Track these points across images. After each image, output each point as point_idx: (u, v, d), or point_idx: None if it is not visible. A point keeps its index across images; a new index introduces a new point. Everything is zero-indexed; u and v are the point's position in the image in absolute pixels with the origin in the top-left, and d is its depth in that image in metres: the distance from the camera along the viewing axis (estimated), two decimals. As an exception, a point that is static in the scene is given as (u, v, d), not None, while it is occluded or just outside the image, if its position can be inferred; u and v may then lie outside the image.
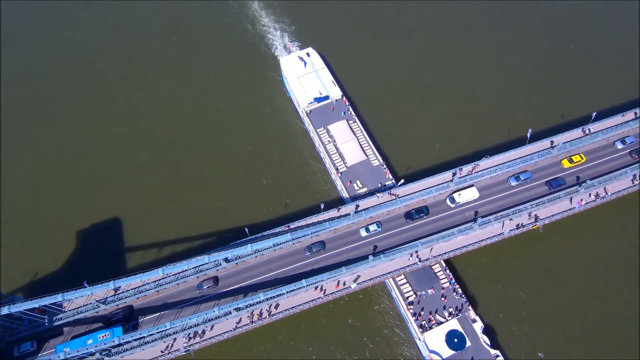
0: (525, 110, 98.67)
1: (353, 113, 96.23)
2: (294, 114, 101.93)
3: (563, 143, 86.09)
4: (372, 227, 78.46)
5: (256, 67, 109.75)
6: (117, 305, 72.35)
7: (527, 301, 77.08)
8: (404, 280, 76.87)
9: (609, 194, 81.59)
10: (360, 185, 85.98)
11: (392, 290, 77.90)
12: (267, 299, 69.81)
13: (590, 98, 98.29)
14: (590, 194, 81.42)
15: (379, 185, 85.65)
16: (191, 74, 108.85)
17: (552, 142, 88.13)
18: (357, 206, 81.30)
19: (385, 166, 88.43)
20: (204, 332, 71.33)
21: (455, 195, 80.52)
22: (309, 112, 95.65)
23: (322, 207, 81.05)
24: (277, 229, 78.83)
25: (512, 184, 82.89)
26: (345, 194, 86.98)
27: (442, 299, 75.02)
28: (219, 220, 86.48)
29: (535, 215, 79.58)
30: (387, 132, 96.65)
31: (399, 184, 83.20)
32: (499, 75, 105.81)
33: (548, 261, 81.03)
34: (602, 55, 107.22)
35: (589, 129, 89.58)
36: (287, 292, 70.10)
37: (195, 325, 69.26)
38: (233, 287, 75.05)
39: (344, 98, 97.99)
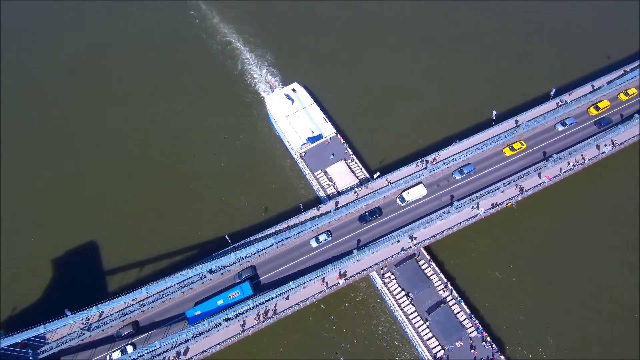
0: (489, 94, 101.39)
1: (350, 151, 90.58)
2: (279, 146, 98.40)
3: (527, 121, 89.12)
4: (322, 237, 77.64)
5: (238, 105, 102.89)
6: (104, 331, 70.54)
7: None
8: (430, 334, 72.08)
9: (570, 166, 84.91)
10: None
11: (417, 345, 73.34)
12: (276, 296, 69.95)
13: (549, 75, 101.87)
14: (562, 167, 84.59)
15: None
16: (169, 114, 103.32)
17: (516, 121, 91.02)
18: (337, 203, 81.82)
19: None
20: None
21: (405, 194, 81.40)
22: (303, 154, 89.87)
23: (301, 208, 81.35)
24: (260, 234, 78.59)
25: (457, 177, 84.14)
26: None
27: (472, 350, 70.80)
28: (198, 232, 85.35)
29: (521, 187, 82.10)
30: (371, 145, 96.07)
31: (375, 176, 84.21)
32: (462, 63, 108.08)
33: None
34: (559, 34, 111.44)
35: (565, 99, 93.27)
36: (277, 296, 70.24)
37: (186, 341, 68.26)
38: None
39: (339, 135, 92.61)
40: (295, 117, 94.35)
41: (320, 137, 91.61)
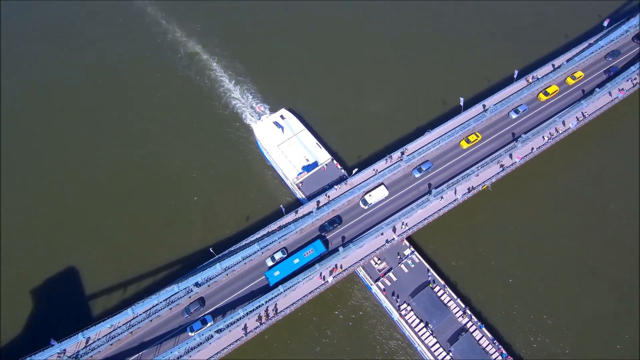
0: (455, 81, 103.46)
1: (347, 176, 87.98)
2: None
3: (494, 105, 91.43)
4: (278, 255, 76.26)
5: (224, 137, 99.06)
6: (93, 357, 68.55)
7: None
8: None
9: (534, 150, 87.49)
10: (378, 261, 78.17)
11: None
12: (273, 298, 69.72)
13: (510, 59, 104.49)
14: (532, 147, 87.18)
15: (398, 255, 78.80)
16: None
17: (484, 105, 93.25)
18: (318, 202, 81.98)
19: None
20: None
21: (367, 197, 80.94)
22: (300, 184, 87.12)
23: (283, 211, 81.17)
24: (243, 242, 77.99)
25: (416, 175, 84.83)
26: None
27: None
28: (181, 247, 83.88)
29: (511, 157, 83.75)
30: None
31: (354, 172, 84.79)
32: (425, 54, 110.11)
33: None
34: (514, 18, 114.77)
35: (533, 76, 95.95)
36: (266, 302, 69.85)
37: (178, 358, 67.06)
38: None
39: (335, 161, 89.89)
40: (287, 145, 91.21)
41: (316, 164, 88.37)
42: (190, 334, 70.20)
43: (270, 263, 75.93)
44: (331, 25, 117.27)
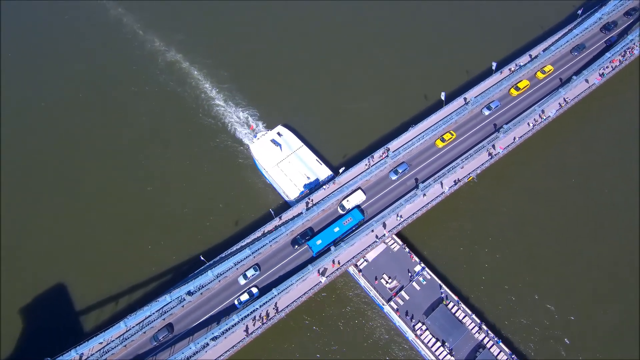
0: (436, 75, 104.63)
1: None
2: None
3: (475, 97, 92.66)
4: (250, 273, 74.92)
5: (211, 145, 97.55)
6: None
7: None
8: None
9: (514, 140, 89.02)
10: (389, 279, 76.85)
11: None
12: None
13: (488, 52, 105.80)
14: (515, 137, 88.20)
15: (408, 273, 77.39)
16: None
17: (465, 98, 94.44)
18: (308, 203, 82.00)
19: (408, 249, 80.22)
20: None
21: (344, 202, 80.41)
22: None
23: (273, 214, 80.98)
24: (234, 247, 77.56)
25: (392, 177, 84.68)
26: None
27: None
28: (170, 256, 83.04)
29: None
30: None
31: (341, 171, 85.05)
32: (405, 51, 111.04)
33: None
34: (491, 10, 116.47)
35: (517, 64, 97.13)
36: (261, 305, 69.62)
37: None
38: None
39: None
40: (286, 163, 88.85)
41: (317, 181, 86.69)
42: (238, 306, 72.41)
43: (242, 281, 74.52)
44: (309, 26, 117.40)
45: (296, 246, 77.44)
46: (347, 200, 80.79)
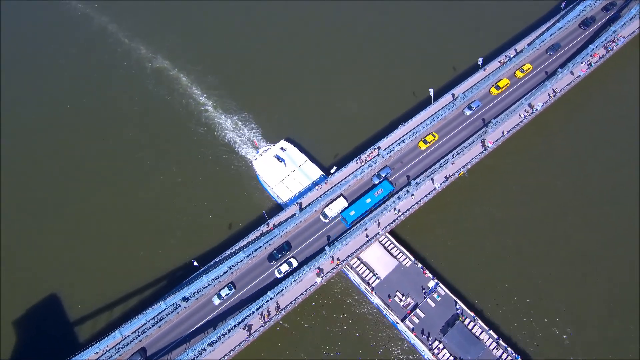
0: (424, 72, 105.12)
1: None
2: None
3: (463, 93, 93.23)
4: (224, 292, 73.13)
5: (205, 152, 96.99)
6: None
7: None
8: None
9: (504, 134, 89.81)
10: (402, 297, 74.63)
11: None
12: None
13: (474, 48, 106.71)
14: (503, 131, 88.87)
15: (422, 290, 75.52)
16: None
17: (453, 94, 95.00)
18: (300, 204, 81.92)
19: (420, 264, 78.16)
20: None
21: (327, 210, 79.66)
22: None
23: (266, 216, 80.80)
24: (228, 251, 77.26)
25: (375, 182, 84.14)
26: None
27: None
28: (164, 262, 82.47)
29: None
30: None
31: (332, 171, 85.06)
32: (392, 49, 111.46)
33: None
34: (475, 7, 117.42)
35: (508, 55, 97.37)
36: (257, 309, 69.38)
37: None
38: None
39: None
40: (291, 179, 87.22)
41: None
42: (277, 275, 74.52)
43: (217, 301, 73.01)
44: (297, 27, 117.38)
45: (272, 261, 76.19)
46: (330, 208, 79.84)
